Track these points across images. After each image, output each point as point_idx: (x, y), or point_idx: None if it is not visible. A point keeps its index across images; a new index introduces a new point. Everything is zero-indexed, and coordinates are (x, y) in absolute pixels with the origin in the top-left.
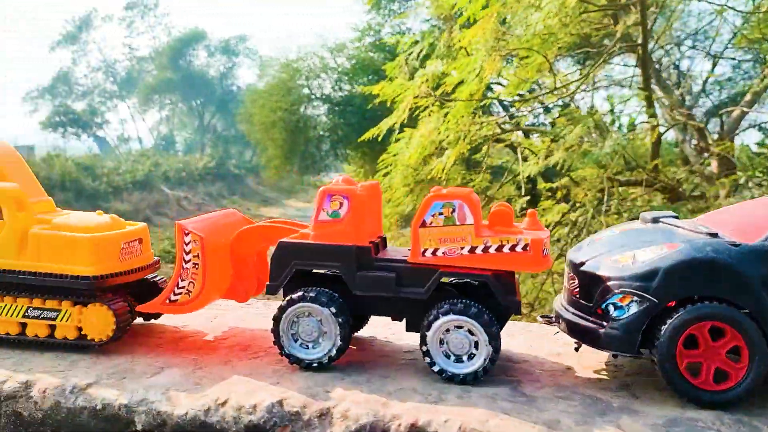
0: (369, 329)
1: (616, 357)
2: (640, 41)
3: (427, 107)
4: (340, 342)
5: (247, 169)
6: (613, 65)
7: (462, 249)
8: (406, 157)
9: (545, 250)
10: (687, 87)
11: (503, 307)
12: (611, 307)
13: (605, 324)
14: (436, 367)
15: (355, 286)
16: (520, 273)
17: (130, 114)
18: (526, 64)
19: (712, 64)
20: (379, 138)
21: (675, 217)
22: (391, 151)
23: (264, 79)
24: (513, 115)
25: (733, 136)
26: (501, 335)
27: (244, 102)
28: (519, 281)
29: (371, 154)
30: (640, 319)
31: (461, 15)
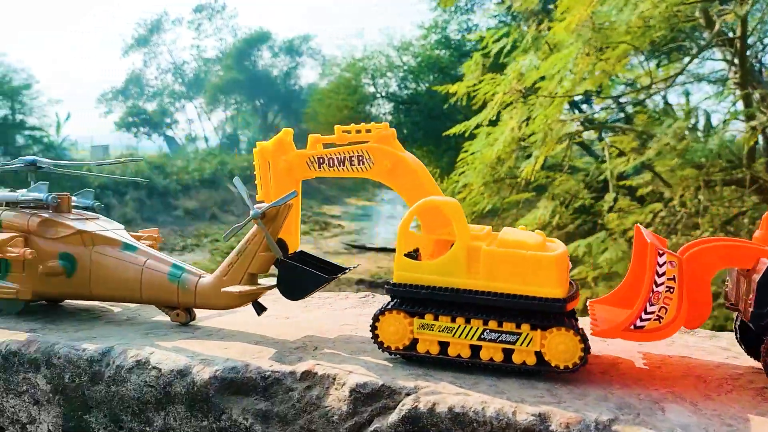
0: None
1: None
2: (739, 34)
3: (511, 103)
4: None
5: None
6: (701, 60)
7: None
8: (485, 155)
9: None
10: None
11: None
12: None
13: None
14: None
15: None
16: None
17: (197, 114)
18: (607, 59)
19: None
20: (467, 133)
21: None
22: (469, 149)
23: (326, 78)
24: (592, 113)
25: None
26: None
27: (311, 101)
28: None
29: (436, 152)
30: None
31: (550, 10)
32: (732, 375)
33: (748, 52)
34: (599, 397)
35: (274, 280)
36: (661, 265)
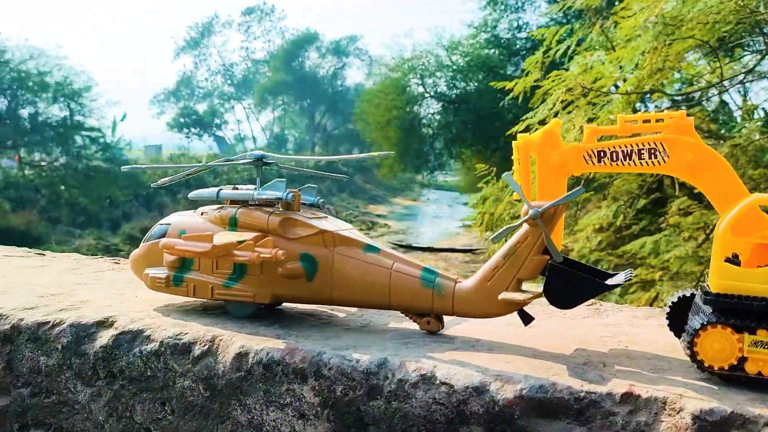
0: None
1: None
2: None
3: (572, 101)
4: None
5: (355, 167)
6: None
7: None
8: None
9: None
10: None
11: None
12: None
13: None
14: None
15: None
16: None
17: (245, 114)
18: (673, 55)
19: None
20: (531, 130)
21: None
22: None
23: (372, 78)
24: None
25: None
26: None
27: (360, 101)
28: None
29: (485, 152)
30: None
31: (613, 4)
32: None
33: None
34: None
35: (525, 286)
36: None
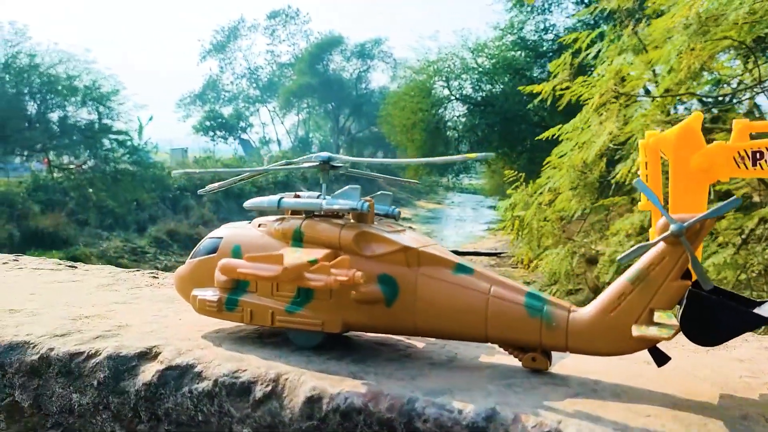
0: None
1: None
2: None
3: (604, 104)
4: None
5: (379, 170)
6: None
7: None
8: (573, 158)
9: None
10: None
11: None
12: None
13: None
14: None
15: None
16: None
17: (270, 117)
18: (708, 55)
19: None
20: (560, 137)
21: None
22: (557, 153)
23: (397, 81)
24: (676, 115)
25: None
26: None
27: (385, 104)
28: None
29: (511, 155)
30: None
31: (645, 8)
32: None
33: None
34: None
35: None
36: None
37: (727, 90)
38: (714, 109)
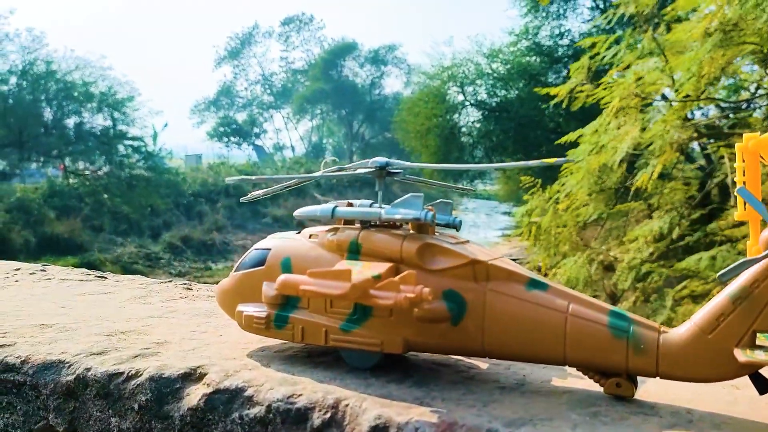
0: None
1: None
2: None
3: (623, 108)
4: None
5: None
6: None
7: None
8: (590, 163)
9: None
10: None
11: None
12: None
13: None
14: None
15: None
16: None
17: (284, 123)
18: (730, 61)
19: None
20: (577, 142)
21: None
22: (573, 157)
23: (411, 87)
24: (710, 119)
25: None
26: None
27: (399, 110)
28: None
29: (527, 160)
30: None
31: (665, 13)
32: None
33: None
34: None
35: None
36: None
37: (745, 95)
38: (730, 114)
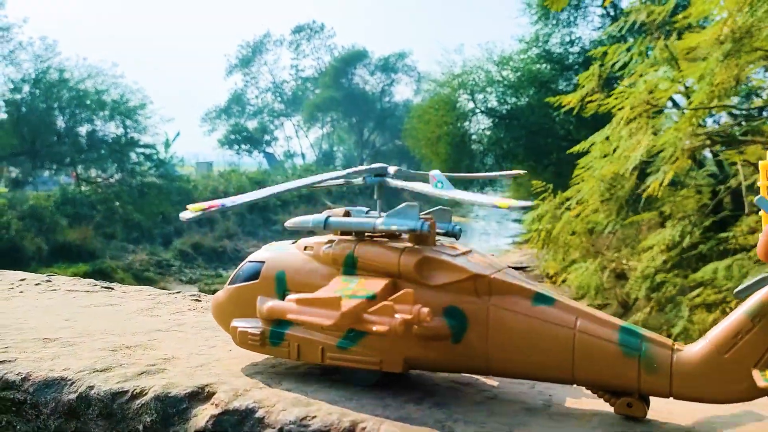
0: None
1: None
2: None
3: (635, 118)
4: None
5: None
6: None
7: None
8: (602, 171)
9: None
10: None
11: None
12: None
13: None
14: None
15: None
16: None
17: (295, 131)
18: (742, 67)
19: None
20: (589, 151)
21: None
22: (584, 165)
23: (421, 94)
24: (725, 126)
25: None
26: None
27: (409, 117)
28: None
29: (537, 168)
30: None
31: (675, 21)
32: None
33: None
34: None
35: None
36: None
37: (758, 102)
38: (743, 121)
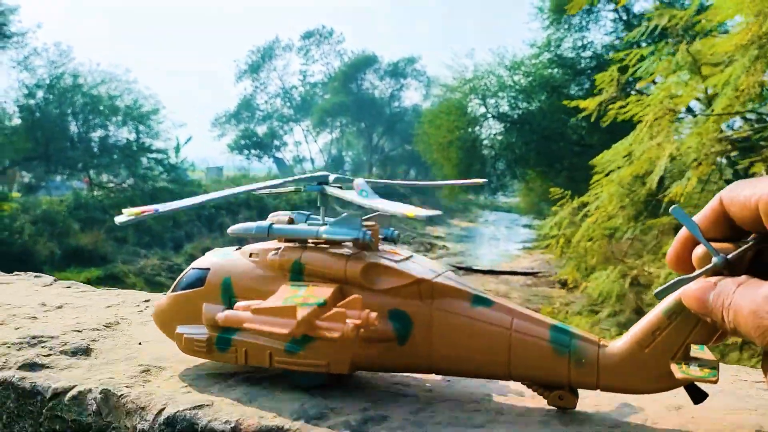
0: None
1: None
2: None
3: (656, 119)
4: None
5: (412, 188)
6: None
7: None
8: (621, 175)
9: None
10: None
11: None
12: None
13: None
14: None
15: None
16: None
17: (304, 136)
18: (756, 74)
19: None
20: (615, 155)
21: None
22: (602, 169)
23: (430, 99)
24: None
25: None
26: None
27: (421, 122)
28: None
29: (550, 173)
30: None
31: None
32: None
33: None
34: None
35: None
36: None
37: None
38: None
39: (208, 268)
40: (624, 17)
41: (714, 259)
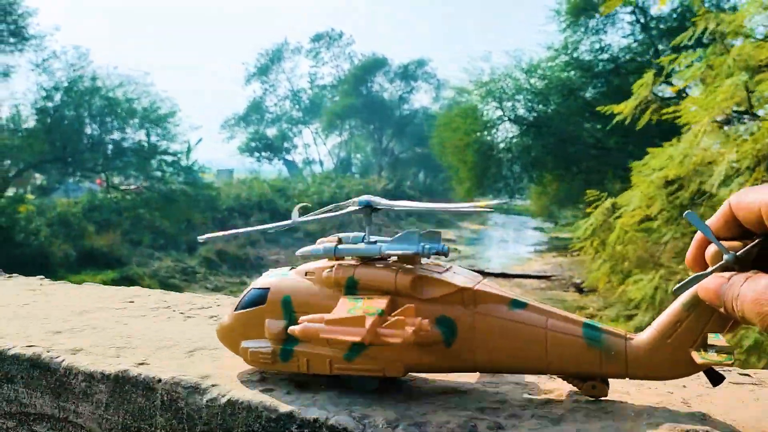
0: None
1: None
2: None
3: (713, 124)
4: None
5: (422, 191)
6: None
7: None
8: (659, 177)
9: None
10: None
11: None
12: None
13: None
14: None
15: None
16: None
17: (313, 138)
18: None
19: None
20: (680, 161)
21: None
22: (641, 170)
23: (440, 101)
24: None
25: None
26: None
27: (436, 125)
28: None
29: (566, 176)
30: None
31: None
32: None
33: None
34: None
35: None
36: None
37: None
38: None
39: (268, 288)
40: (641, 20)
41: (725, 256)
